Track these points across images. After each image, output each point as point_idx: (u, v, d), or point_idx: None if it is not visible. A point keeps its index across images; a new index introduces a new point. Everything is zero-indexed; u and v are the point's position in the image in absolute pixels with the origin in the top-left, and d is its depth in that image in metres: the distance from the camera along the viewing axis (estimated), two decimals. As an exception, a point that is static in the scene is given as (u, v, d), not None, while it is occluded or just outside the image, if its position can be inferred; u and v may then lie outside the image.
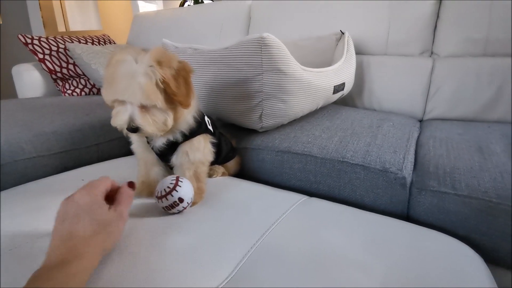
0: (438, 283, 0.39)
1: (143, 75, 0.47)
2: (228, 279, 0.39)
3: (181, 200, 0.51)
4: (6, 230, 0.47)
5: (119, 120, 0.50)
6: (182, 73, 0.51)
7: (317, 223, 0.52)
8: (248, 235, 0.48)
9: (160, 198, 0.51)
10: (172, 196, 0.50)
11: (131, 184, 0.46)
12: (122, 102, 0.49)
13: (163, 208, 0.52)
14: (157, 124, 0.51)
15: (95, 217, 0.37)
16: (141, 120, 0.49)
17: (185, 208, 0.53)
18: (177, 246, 0.44)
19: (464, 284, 0.39)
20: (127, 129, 0.50)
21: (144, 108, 0.49)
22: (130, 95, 0.47)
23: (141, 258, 0.41)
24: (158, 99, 0.48)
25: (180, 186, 0.51)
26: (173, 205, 0.51)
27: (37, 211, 0.52)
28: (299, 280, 0.39)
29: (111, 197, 0.43)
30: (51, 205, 0.54)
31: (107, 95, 0.49)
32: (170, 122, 0.52)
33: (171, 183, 0.51)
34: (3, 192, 0.61)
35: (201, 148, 0.61)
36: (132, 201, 0.45)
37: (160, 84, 0.48)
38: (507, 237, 0.54)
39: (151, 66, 0.47)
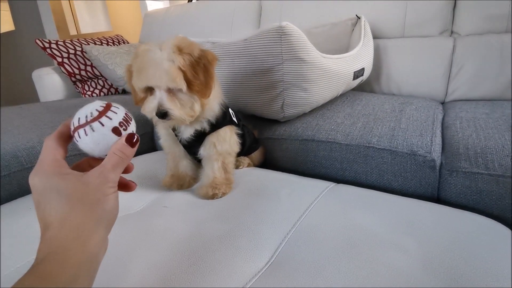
0: (476, 262, 0.39)
1: (167, 60, 0.49)
2: (270, 263, 0.40)
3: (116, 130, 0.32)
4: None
5: (148, 107, 0.51)
6: (203, 61, 0.52)
7: (349, 208, 0.52)
8: (283, 221, 0.49)
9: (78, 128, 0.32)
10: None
11: (130, 137, 0.32)
12: (151, 91, 0.51)
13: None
14: (185, 108, 0.52)
15: (61, 193, 0.28)
16: (169, 104, 0.50)
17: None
18: (217, 233, 0.46)
19: (502, 263, 0.39)
20: (157, 114, 0.51)
21: (171, 93, 0.51)
22: (157, 80, 0.49)
23: (184, 246, 0.43)
24: (183, 83, 0.50)
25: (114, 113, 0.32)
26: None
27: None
28: (338, 261, 0.39)
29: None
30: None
31: (136, 82, 0.51)
32: (197, 107, 0.53)
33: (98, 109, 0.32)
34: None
35: (228, 139, 0.62)
36: (130, 161, 0.33)
37: (181, 69, 0.49)
38: (544, 215, 0.53)
39: (172, 51, 0.49)
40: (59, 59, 1.46)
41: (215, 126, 0.60)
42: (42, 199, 0.28)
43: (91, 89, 1.51)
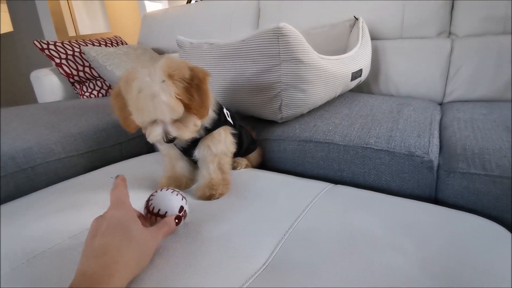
0: (473, 263, 0.39)
1: (163, 91, 0.47)
2: (267, 264, 0.40)
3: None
4: (44, 228, 0.49)
5: (154, 136, 0.51)
6: (195, 81, 0.51)
7: (346, 209, 0.52)
8: (280, 222, 0.49)
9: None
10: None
11: (178, 218, 0.44)
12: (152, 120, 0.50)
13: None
14: (189, 128, 0.52)
15: (128, 231, 0.35)
16: (176, 131, 0.51)
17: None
18: (213, 234, 0.45)
19: (500, 264, 0.39)
20: (165, 141, 0.51)
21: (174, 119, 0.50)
22: (159, 114, 0.48)
23: (181, 247, 0.42)
24: (182, 109, 0.49)
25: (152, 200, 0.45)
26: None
27: (72, 209, 0.54)
28: (336, 262, 0.39)
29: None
30: (85, 202, 0.56)
31: (138, 119, 0.50)
32: (198, 122, 0.53)
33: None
34: (38, 192, 0.64)
35: (222, 140, 0.62)
36: (170, 234, 0.43)
37: (175, 96, 0.48)
38: (542, 215, 0.53)
39: (163, 81, 0.47)
40: (57, 60, 1.45)
41: (210, 129, 0.60)
42: (114, 226, 0.35)
43: (90, 90, 1.51)
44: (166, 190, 0.46)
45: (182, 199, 0.46)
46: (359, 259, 0.40)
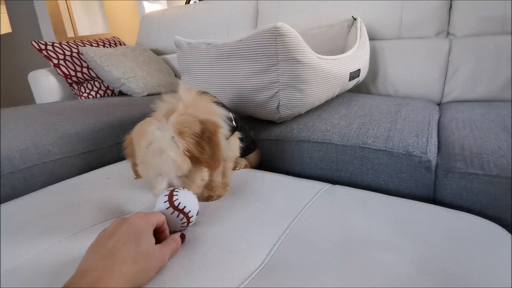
0: (471, 263, 0.38)
1: (170, 148, 0.46)
2: (264, 265, 0.40)
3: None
4: (41, 229, 0.49)
5: (159, 191, 0.49)
6: (206, 134, 0.50)
7: (344, 209, 0.52)
8: (277, 223, 0.48)
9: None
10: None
11: (182, 236, 0.44)
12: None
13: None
14: (196, 183, 0.51)
15: (140, 246, 0.35)
16: (181, 186, 0.49)
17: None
18: (210, 235, 0.45)
19: (498, 264, 0.38)
20: None
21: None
22: (164, 170, 0.47)
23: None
24: (189, 166, 0.48)
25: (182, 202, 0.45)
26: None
27: (68, 210, 0.54)
28: (333, 262, 0.39)
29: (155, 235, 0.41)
30: (82, 203, 0.56)
31: (143, 173, 0.49)
32: (206, 176, 0.52)
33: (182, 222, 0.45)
34: (35, 193, 0.63)
35: (232, 146, 0.62)
36: (176, 252, 0.42)
37: (185, 152, 0.47)
38: (540, 215, 0.53)
39: (173, 137, 0.46)
40: (55, 61, 1.45)
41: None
42: (131, 235, 0.36)
43: (87, 91, 1.51)
44: (183, 189, 0.46)
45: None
46: (357, 260, 0.39)
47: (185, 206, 0.44)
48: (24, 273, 0.39)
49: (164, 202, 0.44)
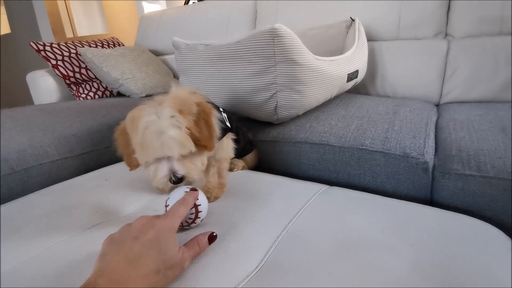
0: (468, 264, 0.38)
1: (171, 127, 0.45)
2: (260, 266, 0.40)
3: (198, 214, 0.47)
4: (38, 231, 0.49)
5: (160, 176, 0.47)
6: (202, 116, 0.50)
7: (341, 210, 0.52)
8: (274, 224, 0.48)
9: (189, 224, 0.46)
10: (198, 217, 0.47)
11: (211, 237, 0.42)
12: (157, 159, 0.48)
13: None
14: (197, 166, 0.50)
15: (164, 253, 0.35)
16: (183, 169, 0.48)
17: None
18: (206, 237, 0.45)
19: (494, 265, 0.38)
20: (172, 181, 0.47)
21: (181, 157, 0.48)
22: (166, 150, 0.46)
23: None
24: (192, 145, 0.47)
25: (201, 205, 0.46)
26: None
27: (66, 211, 0.54)
28: (329, 264, 0.39)
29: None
30: (79, 204, 0.56)
31: (143, 157, 0.47)
32: (205, 160, 0.52)
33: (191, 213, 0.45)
34: (32, 194, 0.63)
35: (225, 147, 0.62)
36: (196, 257, 0.41)
37: (186, 131, 0.47)
38: (537, 217, 0.53)
39: (172, 116, 0.46)
40: (54, 62, 1.45)
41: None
42: (154, 241, 0.35)
43: (86, 91, 1.50)
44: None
45: None
46: (354, 261, 0.39)
47: (200, 204, 0.45)
48: (23, 273, 0.39)
49: (185, 191, 0.45)
